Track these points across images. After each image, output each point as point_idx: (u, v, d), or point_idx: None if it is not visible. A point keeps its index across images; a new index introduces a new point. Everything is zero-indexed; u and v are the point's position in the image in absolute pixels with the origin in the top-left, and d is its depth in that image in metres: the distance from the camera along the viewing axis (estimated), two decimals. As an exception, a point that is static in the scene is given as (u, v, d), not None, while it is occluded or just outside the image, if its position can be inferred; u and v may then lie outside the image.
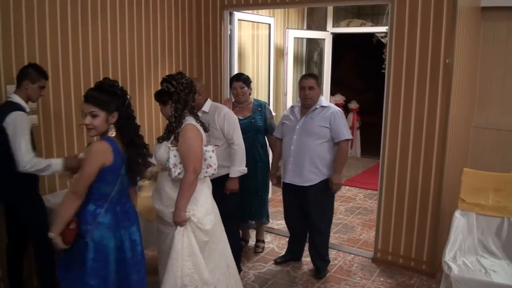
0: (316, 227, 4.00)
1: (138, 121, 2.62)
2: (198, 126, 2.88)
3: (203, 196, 2.89)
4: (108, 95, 2.45)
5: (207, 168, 2.91)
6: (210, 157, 2.89)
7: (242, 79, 4.18)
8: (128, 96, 2.54)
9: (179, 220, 2.74)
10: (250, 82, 4.24)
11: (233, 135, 3.61)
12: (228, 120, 3.61)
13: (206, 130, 2.97)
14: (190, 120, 2.85)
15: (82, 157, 2.81)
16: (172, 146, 2.80)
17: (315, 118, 3.81)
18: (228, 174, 3.64)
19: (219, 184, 3.50)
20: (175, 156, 2.78)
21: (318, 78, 3.98)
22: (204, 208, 2.86)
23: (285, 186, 4.05)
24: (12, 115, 2.88)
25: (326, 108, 3.84)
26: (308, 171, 3.82)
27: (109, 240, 2.48)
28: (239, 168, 3.63)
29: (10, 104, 2.98)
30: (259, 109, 4.23)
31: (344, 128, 3.82)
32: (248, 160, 3.81)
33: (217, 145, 3.20)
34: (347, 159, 4.01)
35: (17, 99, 3.01)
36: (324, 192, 3.87)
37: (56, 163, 2.98)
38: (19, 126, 2.87)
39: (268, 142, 4.40)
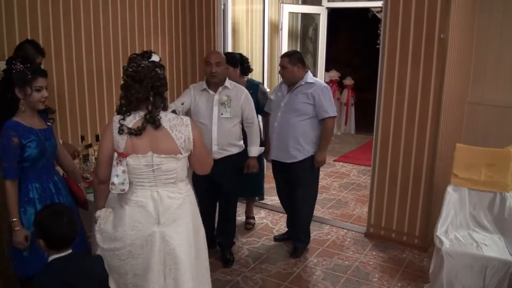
0: (297, 205, 3.93)
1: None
2: (117, 123, 2.17)
3: (126, 220, 2.18)
4: None
5: (111, 185, 2.15)
6: (116, 174, 2.13)
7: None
8: None
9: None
10: (237, 61, 4.10)
11: (253, 115, 3.69)
12: (250, 102, 3.68)
13: (140, 130, 2.15)
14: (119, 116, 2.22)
15: None
16: None
17: (298, 95, 3.74)
18: (237, 153, 3.65)
19: (228, 162, 3.56)
20: None
21: (294, 56, 3.76)
22: (114, 224, 2.22)
23: (273, 163, 4.04)
24: None
25: (311, 84, 3.74)
26: (291, 148, 3.78)
27: None
28: (258, 147, 3.74)
29: None
30: (251, 91, 4.08)
31: (328, 105, 3.71)
32: None
33: (137, 156, 2.16)
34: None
35: None
36: (308, 170, 3.83)
37: None
38: None
39: (262, 122, 4.33)
